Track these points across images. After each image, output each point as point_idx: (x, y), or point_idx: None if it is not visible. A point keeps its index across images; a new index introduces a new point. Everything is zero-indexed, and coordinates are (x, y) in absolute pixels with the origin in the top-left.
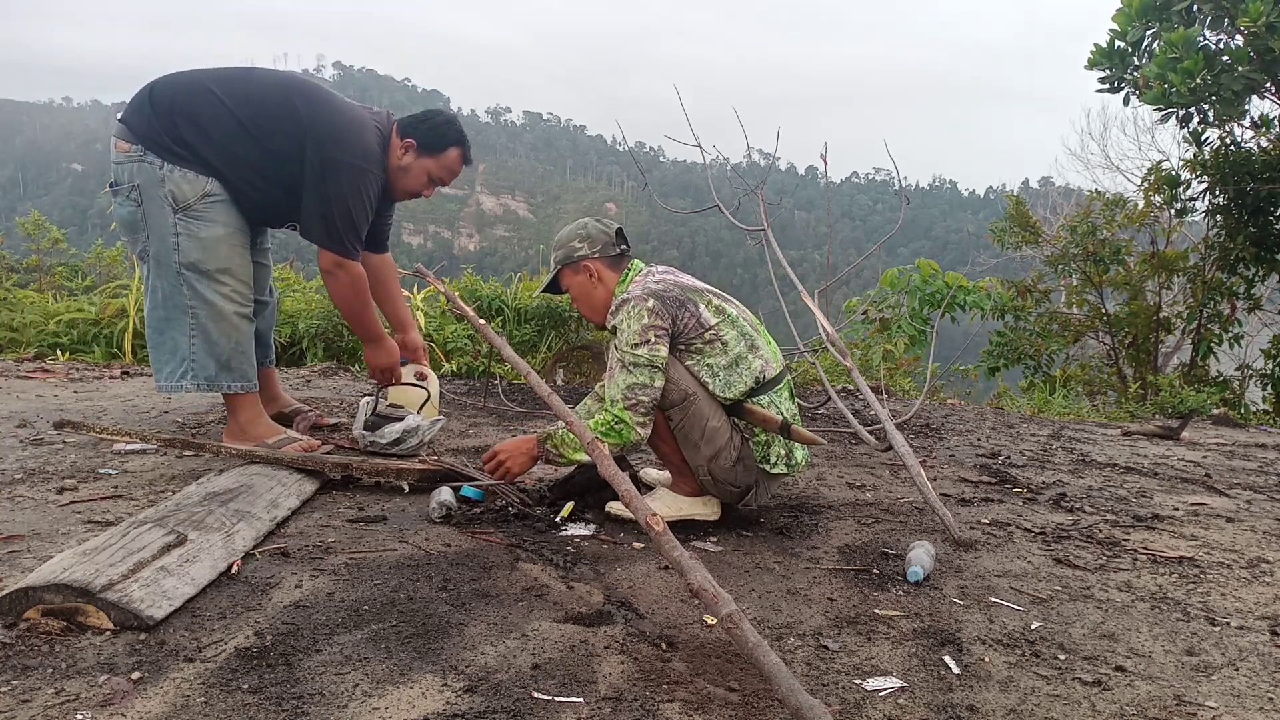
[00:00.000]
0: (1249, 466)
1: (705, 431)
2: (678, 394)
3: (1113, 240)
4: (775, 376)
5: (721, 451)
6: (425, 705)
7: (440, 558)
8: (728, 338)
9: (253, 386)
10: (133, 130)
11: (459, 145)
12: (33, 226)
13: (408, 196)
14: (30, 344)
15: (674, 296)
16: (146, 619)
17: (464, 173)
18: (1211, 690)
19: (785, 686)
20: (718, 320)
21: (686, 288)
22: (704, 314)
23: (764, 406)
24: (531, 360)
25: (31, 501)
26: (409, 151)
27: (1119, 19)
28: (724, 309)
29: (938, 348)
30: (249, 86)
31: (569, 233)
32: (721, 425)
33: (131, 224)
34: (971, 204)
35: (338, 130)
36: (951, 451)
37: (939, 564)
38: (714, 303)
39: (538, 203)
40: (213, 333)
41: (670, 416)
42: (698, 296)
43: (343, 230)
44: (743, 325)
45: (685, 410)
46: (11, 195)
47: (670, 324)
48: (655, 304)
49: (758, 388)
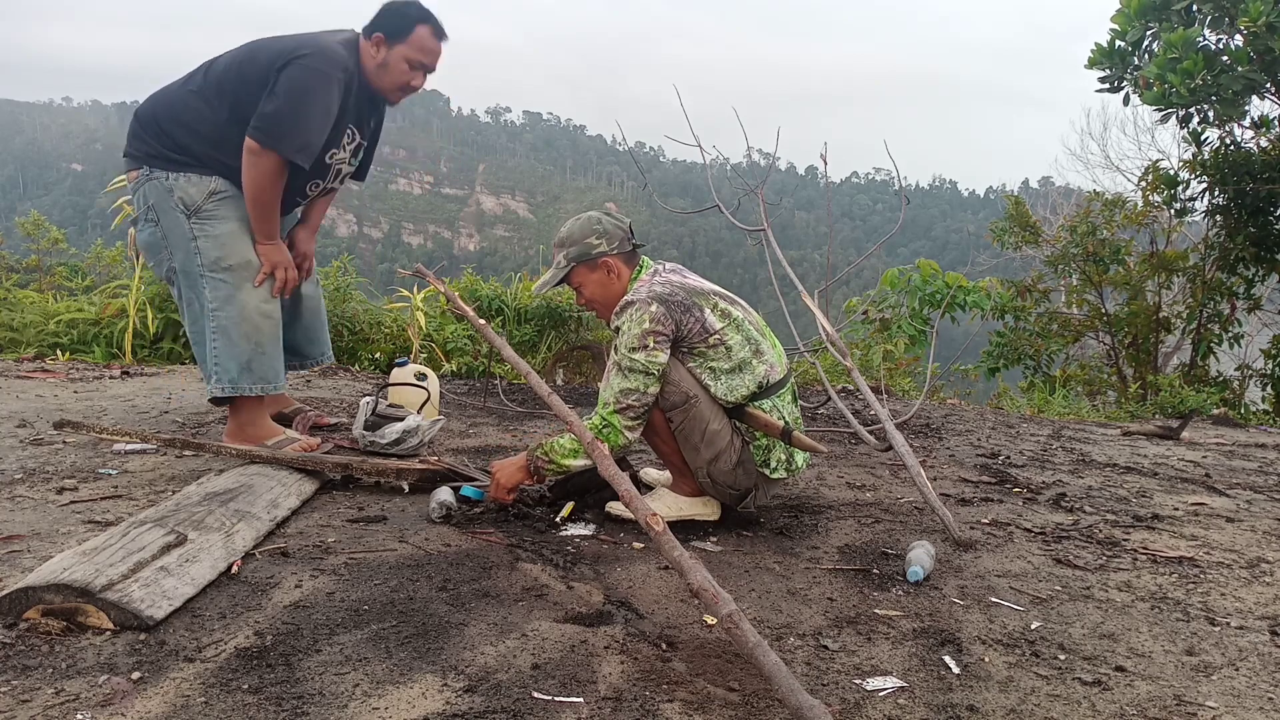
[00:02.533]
0: (1249, 466)
1: (706, 434)
2: (679, 396)
3: (1112, 240)
4: (779, 380)
5: (722, 454)
6: (425, 705)
7: (440, 558)
8: (732, 343)
9: (274, 389)
10: (133, 157)
11: (424, 21)
12: (32, 226)
13: (400, 93)
14: (30, 344)
15: (679, 301)
16: (146, 619)
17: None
18: (1211, 690)
19: (785, 686)
20: (723, 325)
21: (693, 290)
22: (709, 318)
23: (766, 411)
24: (531, 360)
25: (31, 501)
26: (380, 46)
27: (1119, 19)
28: (730, 312)
29: (938, 348)
30: (217, 73)
31: (581, 229)
32: (722, 428)
33: (154, 245)
34: (971, 204)
35: (298, 45)
36: (951, 451)
37: (939, 564)
38: (720, 306)
39: (538, 203)
40: (234, 334)
41: (671, 418)
42: (704, 300)
43: (283, 125)
44: (748, 329)
45: (686, 412)
46: (11, 195)
47: (673, 329)
48: (659, 309)
49: (760, 392)
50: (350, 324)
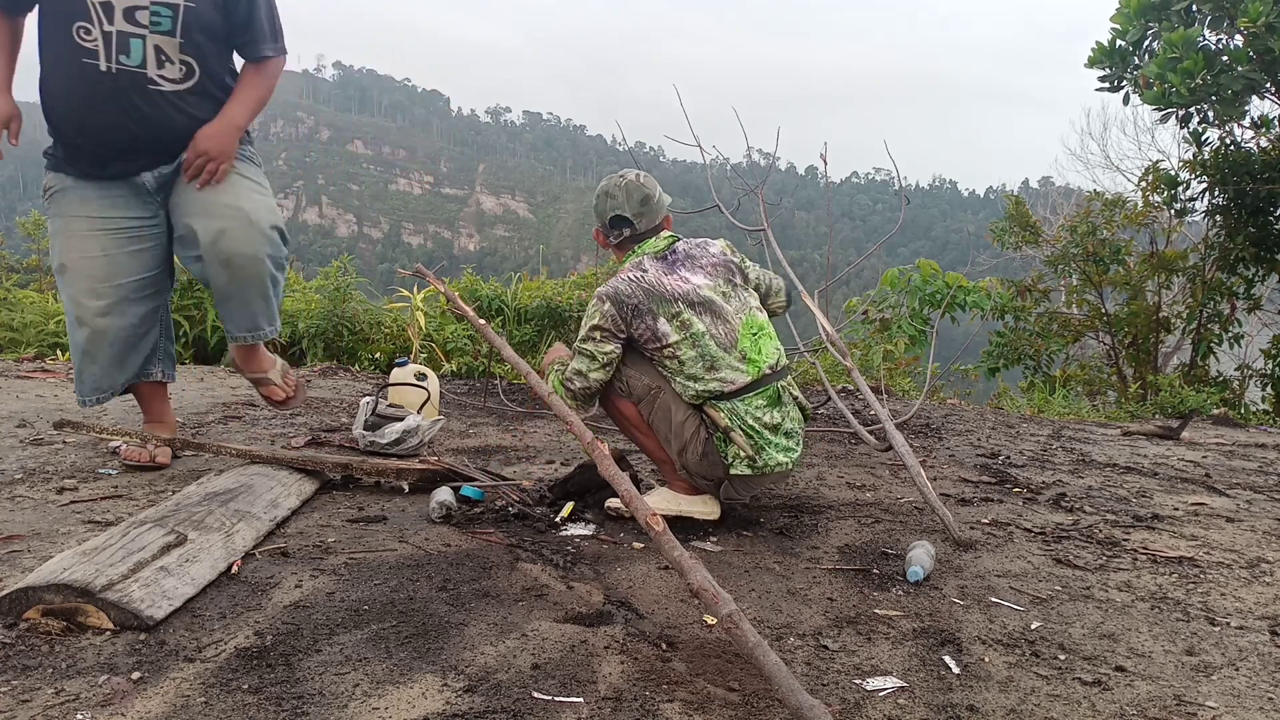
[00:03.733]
0: (1249, 466)
1: (673, 425)
2: (641, 388)
3: (1112, 240)
4: (744, 387)
5: (688, 445)
6: (425, 705)
7: (440, 558)
8: (684, 357)
9: (100, 398)
10: None
11: None
12: (33, 226)
13: None
14: (30, 344)
15: (634, 305)
16: (146, 619)
17: (464, 173)
18: (1211, 690)
19: (785, 686)
20: (678, 338)
21: (656, 295)
22: (661, 327)
23: (723, 413)
24: (531, 360)
25: (31, 501)
26: None
27: (1119, 18)
28: (691, 324)
29: (938, 348)
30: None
31: (598, 195)
32: (687, 419)
33: None
34: (971, 204)
35: None
36: (951, 451)
37: (939, 564)
38: (683, 316)
39: (538, 203)
40: (72, 339)
41: (641, 410)
42: (664, 307)
43: None
44: (706, 345)
45: (652, 403)
46: (11, 195)
47: (623, 329)
48: (610, 308)
49: (718, 396)
50: (350, 324)
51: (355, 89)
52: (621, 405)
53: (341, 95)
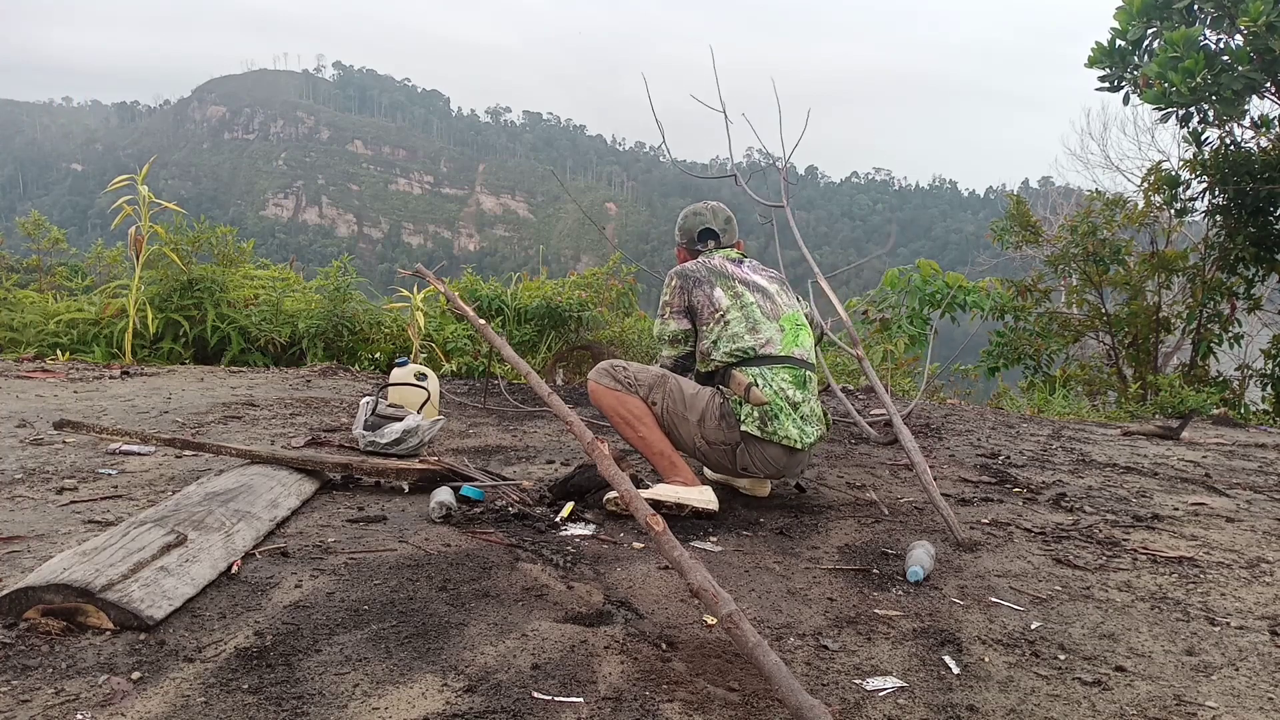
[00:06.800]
0: (1249, 466)
1: (687, 400)
2: (651, 377)
3: (1113, 240)
4: (774, 355)
5: (706, 412)
6: (425, 705)
7: (440, 558)
8: (731, 319)
9: None
10: None
11: None
12: (33, 226)
13: None
14: (30, 344)
15: (697, 277)
16: (146, 619)
17: (464, 173)
18: (1211, 690)
19: (785, 686)
20: (729, 304)
21: (717, 271)
22: (717, 294)
23: (750, 375)
24: (531, 360)
25: (31, 501)
26: None
27: (1120, 18)
28: (743, 295)
29: (938, 348)
30: None
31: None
32: (699, 390)
33: None
34: (971, 204)
35: None
36: (951, 451)
37: (939, 564)
38: (736, 289)
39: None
40: None
41: (653, 400)
42: (722, 280)
43: None
44: (752, 311)
45: (664, 387)
46: (11, 195)
47: (686, 301)
48: (677, 283)
49: (748, 358)
50: (350, 324)
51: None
52: (628, 401)
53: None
